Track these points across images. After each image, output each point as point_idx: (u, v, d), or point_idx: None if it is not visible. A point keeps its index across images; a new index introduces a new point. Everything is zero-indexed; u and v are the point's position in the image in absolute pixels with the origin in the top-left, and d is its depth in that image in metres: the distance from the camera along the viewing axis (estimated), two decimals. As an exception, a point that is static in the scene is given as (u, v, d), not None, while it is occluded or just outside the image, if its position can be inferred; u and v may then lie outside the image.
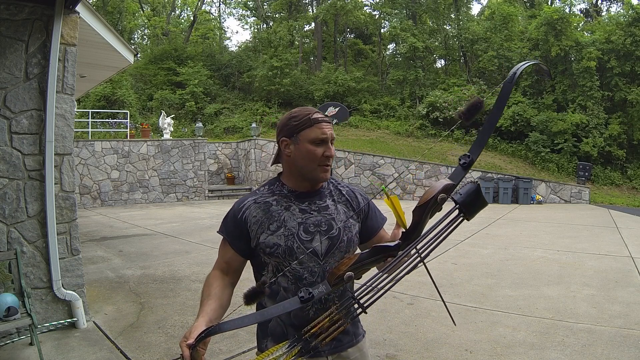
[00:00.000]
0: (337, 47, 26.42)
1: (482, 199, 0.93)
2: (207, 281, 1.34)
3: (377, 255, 0.99)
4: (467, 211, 0.93)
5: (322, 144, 1.30)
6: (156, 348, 3.24)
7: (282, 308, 1.04)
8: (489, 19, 22.17)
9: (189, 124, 18.65)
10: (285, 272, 1.30)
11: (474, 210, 0.94)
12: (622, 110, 16.27)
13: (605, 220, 9.63)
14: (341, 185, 1.46)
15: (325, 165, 1.32)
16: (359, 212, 1.42)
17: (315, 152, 1.29)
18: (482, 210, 0.95)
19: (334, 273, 1.02)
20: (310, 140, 1.29)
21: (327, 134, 1.30)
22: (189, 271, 5.38)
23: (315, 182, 1.36)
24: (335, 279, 1.01)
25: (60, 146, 3.52)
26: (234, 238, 1.36)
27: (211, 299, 1.26)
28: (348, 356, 1.36)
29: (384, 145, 16.23)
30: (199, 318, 1.18)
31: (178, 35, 27.41)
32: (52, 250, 3.42)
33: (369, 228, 1.43)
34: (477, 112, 0.93)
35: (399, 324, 3.65)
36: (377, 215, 1.47)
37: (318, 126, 1.30)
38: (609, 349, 3.10)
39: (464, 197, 0.93)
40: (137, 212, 11.37)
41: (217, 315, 1.23)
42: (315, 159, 1.30)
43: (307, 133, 1.29)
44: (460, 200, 0.93)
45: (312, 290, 1.03)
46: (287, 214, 1.32)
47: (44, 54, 3.41)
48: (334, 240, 1.32)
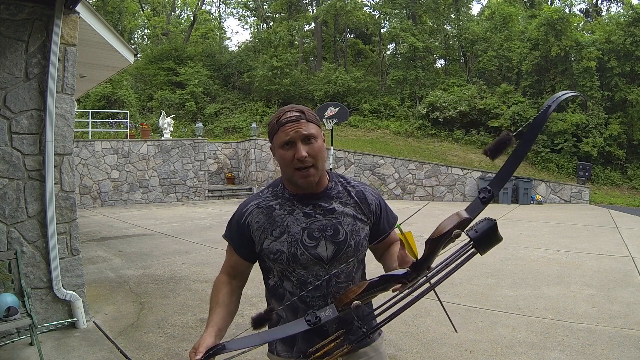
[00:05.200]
0: (337, 47, 26.43)
1: (498, 236, 0.92)
2: (215, 287, 1.34)
3: (386, 284, 1.00)
4: (481, 248, 0.92)
5: (291, 146, 1.22)
6: (156, 348, 3.24)
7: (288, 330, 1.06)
8: (489, 19, 22.19)
9: (189, 124, 18.65)
10: (290, 277, 1.29)
11: (488, 247, 0.92)
12: (622, 110, 16.26)
13: (605, 220, 9.63)
14: (351, 185, 1.37)
15: (300, 168, 1.22)
16: (368, 215, 1.35)
17: (285, 156, 1.23)
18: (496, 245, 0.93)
19: (342, 300, 1.03)
20: (280, 145, 1.24)
21: (290, 135, 1.21)
22: (189, 271, 5.38)
23: (300, 188, 1.28)
24: (343, 305, 1.02)
25: (60, 146, 3.52)
26: (237, 243, 1.34)
27: (219, 307, 1.26)
28: (363, 356, 1.34)
29: (384, 145, 16.22)
30: (208, 328, 1.18)
31: (178, 35, 27.42)
32: (52, 250, 3.42)
33: (380, 231, 1.37)
34: (505, 148, 0.90)
35: (399, 324, 3.65)
36: (389, 215, 1.41)
37: (282, 129, 1.22)
38: (609, 349, 3.10)
39: (480, 234, 0.91)
40: (137, 212, 11.37)
41: (225, 324, 1.23)
42: (288, 164, 1.23)
43: (277, 138, 1.24)
44: (475, 237, 0.91)
45: (319, 314, 1.04)
46: (290, 218, 1.28)
47: (44, 54, 3.41)
48: (340, 245, 1.27)
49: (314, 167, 1.24)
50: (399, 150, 15.58)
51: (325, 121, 12.27)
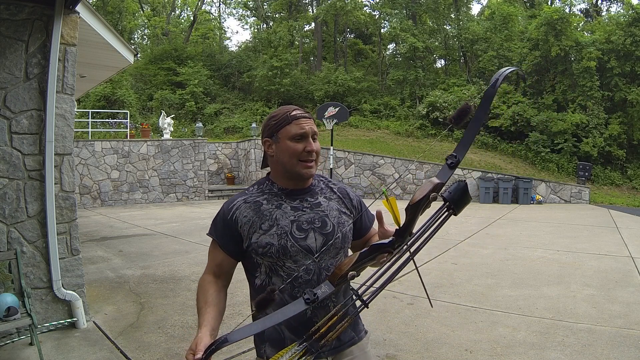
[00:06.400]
0: (337, 47, 26.44)
1: (468, 196, 1.02)
2: (202, 287, 1.33)
3: (375, 253, 1.05)
4: (455, 207, 1.00)
5: (302, 139, 1.30)
6: (156, 348, 3.24)
7: (287, 312, 1.04)
8: (489, 19, 22.19)
9: (189, 124, 18.66)
10: (279, 272, 1.29)
11: (461, 207, 1.01)
12: (622, 110, 16.26)
13: (605, 220, 9.63)
14: (332, 183, 1.46)
15: (307, 160, 1.31)
16: (351, 209, 1.43)
17: (296, 147, 1.29)
18: (467, 206, 1.02)
19: (336, 273, 1.04)
20: (290, 137, 1.30)
21: (306, 129, 1.30)
22: (189, 271, 5.38)
23: (299, 179, 1.35)
24: (338, 278, 1.04)
25: (60, 146, 3.52)
26: (224, 240, 1.34)
27: (210, 307, 1.25)
28: (349, 355, 1.35)
29: (384, 145, 16.22)
30: (202, 328, 1.17)
31: (178, 35, 27.43)
32: (52, 250, 3.42)
33: (363, 226, 1.45)
34: (466, 116, 0.99)
35: (399, 324, 3.65)
36: (368, 212, 1.49)
37: (296, 122, 1.30)
38: (609, 349, 3.10)
39: (453, 194, 1.00)
40: (137, 212, 11.37)
41: (217, 324, 1.23)
42: (296, 155, 1.30)
43: (286, 130, 1.30)
44: (449, 197, 0.99)
45: (316, 290, 1.03)
46: (278, 212, 1.31)
47: (44, 54, 3.41)
48: (328, 237, 1.31)
49: (315, 161, 1.34)
50: (399, 150, 15.58)
51: (325, 121, 12.28)
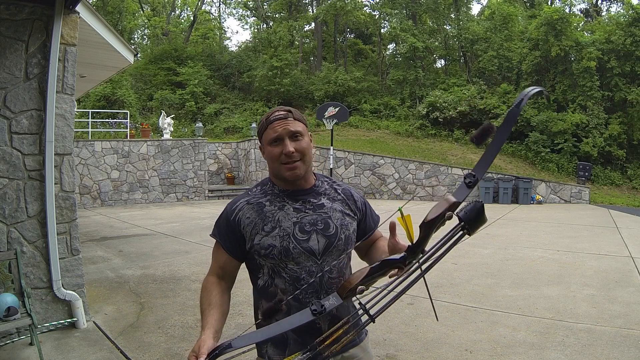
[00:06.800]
0: (337, 47, 26.43)
1: (484, 217, 0.99)
2: (205, 288, 1.32)
3: (386, 268, 1.03)
4: (470, 227, 0.98)
5: (279, 142, 1.29)
6: (156, 348, 3.24)
7: (293, 321, 1.03)
8: (489, 19, 22.17)
9: (189, 124, 18.66)
10: (282, 274, 1.28)
11: (476, 227, 0.98)
12: (622, 110, 16.26)
13: (605, 220, 9.63)
14: (336, 184, 1.44)
15: (288, 163, 1.29)
16: (355, 211, 1.41)
17: (274, 152, 1.29)
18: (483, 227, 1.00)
19: (345, 287, 1.04)
20: (268, 142, 1.30)
21: (279, 132, 1.28)
22: (189, 271, 5.38)
23: (286, 181, 1.33)
24: (347, 292, 1.03)
25: (60, 146, 3.52)
26: (227, 241, 1.34)
27: (213, 309, 1.24)
28: (351, 356, 1.35)
29: (384, 145, 16.22)
30: (205, 331, 1.15)
31: (178, 35, 27.43)
32: (52, 250, 3.42)
33: (366, 227, 1.43)
34: (488, 136, 0.98)
35: (399, 324, 3.65)
36: (373, 214, 1.47)
37: (271, 126, 1.30)
38: (609, 349, 3.10)
39: (469, 214, 0.97)
40: (137, 212, 11.37)
41: (221, 325, 1.22)
42: (276, 159, 1.29)
43: (266, 135, 1.31)
44: (465, 217, 0.97)
45: (324, 302, 1.03)
46: (281, 213, 1.30)
47: (44, 54, 3.41)
48: (331, 239, 1.30)
49: (301, 160, 1.30)
50: (399, 150, 15.58)
51: (325, 121, 12.28)
